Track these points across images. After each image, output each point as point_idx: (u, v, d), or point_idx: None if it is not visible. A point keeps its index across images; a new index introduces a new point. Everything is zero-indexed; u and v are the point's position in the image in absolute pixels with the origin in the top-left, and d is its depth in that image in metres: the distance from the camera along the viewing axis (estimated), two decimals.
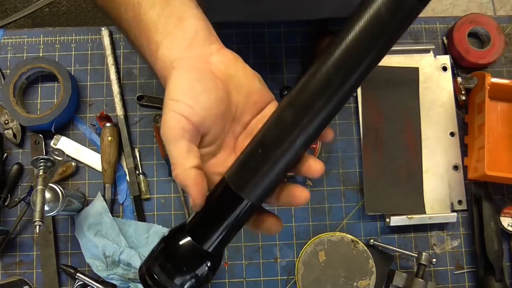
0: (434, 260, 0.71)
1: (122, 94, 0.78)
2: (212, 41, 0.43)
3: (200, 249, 0.38)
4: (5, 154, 0.76)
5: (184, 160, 0.39)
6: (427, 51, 0.82)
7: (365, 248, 0.72)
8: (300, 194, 0.40)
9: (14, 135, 0.76)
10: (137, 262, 0.69)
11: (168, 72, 0.41)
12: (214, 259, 0.39)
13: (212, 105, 0.40)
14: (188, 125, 0.39)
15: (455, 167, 0.79)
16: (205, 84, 0.40)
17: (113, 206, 0.76)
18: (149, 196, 0.76)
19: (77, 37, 0.81)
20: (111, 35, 0.80)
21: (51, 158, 0.63)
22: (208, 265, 0.38)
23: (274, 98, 0.44)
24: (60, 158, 0.64)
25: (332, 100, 0.34)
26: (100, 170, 0.76)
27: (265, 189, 0.37)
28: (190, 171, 0.38)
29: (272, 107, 0.44)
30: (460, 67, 0.83)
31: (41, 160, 0.63)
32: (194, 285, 0.38)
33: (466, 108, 0.81)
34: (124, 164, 0.76)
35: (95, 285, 0.71)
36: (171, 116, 0.39)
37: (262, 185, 0.37)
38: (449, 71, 0.81)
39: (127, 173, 0.76)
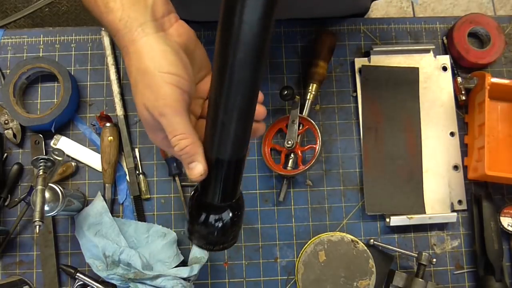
0: (434, 260, 0.71)
1: (122, 94, 0.78)
2: (170, 9, 0.45)
3: (209, 204, 0.44)
4: (5, 154, 0.76)
5: (193, 132, 0.42)
6: (427, 51, 0.82)
7: (365, 248, 0.72)
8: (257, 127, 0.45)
9: (14, 135, 0.76)
10: (137, 262, 0.69)
11: (137, 36, 0.42)
12: (230, 209, 0.45)
13: (194, 78, 0.44)
14: (188, 99, 0.42)
15: (455, 167, 0.79)
16: (186, 59, 0.43)
17: (113, 206, 0.76)
18: (149, 196, 0.76)
19: (77, 37, 0.81)
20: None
21: (51, 158, 0.63)
22: (229, 214, 0.45)
23: (211, 69, 0.47)
24: (60, 158, 0.64)
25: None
26: (100, 170, 0.76)
27: (233, 145, 0.40)
28: (198, 143, 0.42)
29: (209, 79, 0.45)
30: (460, 67, 0.83)
31: (41, 160, 0.63)
32: (215, 228, 0.44)
33: (466, 108, 0.81)
34: (124, 164, 0.76)
35: (95, 285, 0.71)
36: (171, 89, 0.40)
37: (226, 143, 0.40)
38: (449, 71, 0.81)
39: (127, 173, 0.76)
